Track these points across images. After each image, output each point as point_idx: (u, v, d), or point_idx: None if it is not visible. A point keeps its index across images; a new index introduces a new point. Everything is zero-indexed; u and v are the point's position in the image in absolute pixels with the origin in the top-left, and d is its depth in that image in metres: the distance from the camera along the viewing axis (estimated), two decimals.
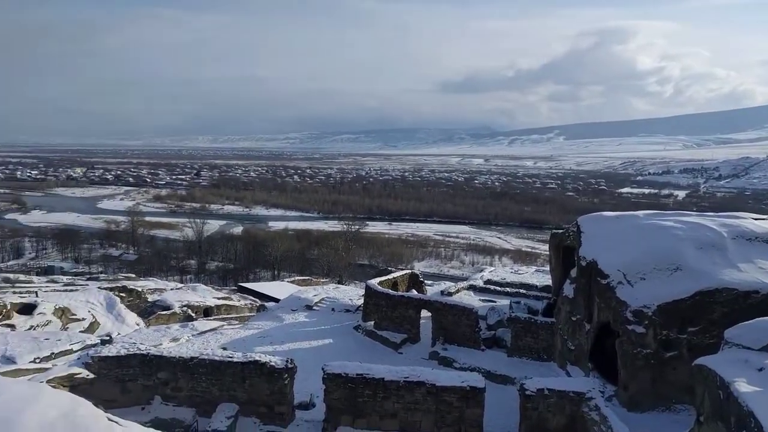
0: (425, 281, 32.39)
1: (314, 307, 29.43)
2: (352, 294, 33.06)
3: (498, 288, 29.30)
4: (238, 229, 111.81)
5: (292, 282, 50.02)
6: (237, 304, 37.98)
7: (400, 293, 24.59)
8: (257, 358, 14.34)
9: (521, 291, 28.29)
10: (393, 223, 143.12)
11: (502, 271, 36.92)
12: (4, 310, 26.31)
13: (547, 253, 24.24)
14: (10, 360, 18.75)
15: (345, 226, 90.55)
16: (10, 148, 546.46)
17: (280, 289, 44.81)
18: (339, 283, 50.33)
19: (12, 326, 24.82)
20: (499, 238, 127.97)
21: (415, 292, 27.44)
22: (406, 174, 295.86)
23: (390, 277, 28.04)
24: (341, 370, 13.78)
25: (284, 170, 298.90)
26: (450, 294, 28.22)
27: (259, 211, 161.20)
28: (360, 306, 27.12)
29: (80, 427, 3.03)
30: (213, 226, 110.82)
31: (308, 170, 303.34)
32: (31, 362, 18.41)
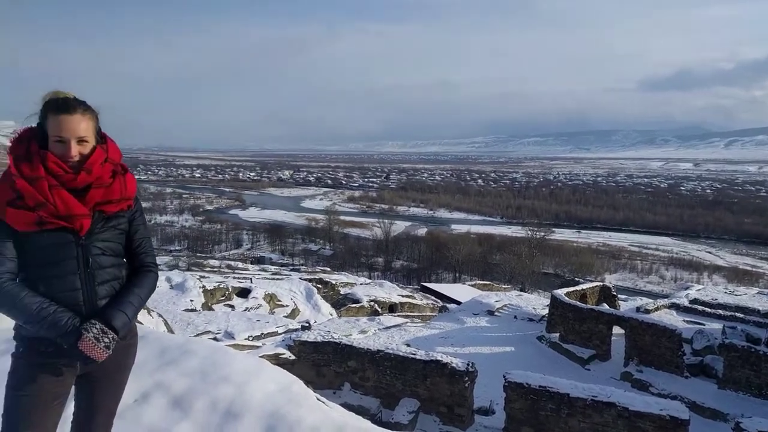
0: (618, 295, 29.91)
1: (496, 313, 29.05)
2: (536, 303, 31.94)
3: (707, 309, 25.81)
4: (422, 231, 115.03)
5: (473, 286, 49.94)
6: (420, 303, 39.17)
7: (589, 306, 23.05)
8: (439, 358, 14.61)
9: (737, 315, 24.52)
10: (582, 231, 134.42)
11: (713, 290, 32.40)
12: (227, 293, 30.76)
13: None
14: (230, 335, 21.81)
15: (529, 232, 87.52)
16: (235, 153, 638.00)
17: (461, 291, 45.07)
18: (521, 290, 48.97)
19: (232, 306, 28.90)
20: (709, 252, 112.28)
21: (606, 306, 25.53)
22: (599, 179, 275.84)
23: (578, 288, 26.48)
24: (523, 380, 13.38)
25: (468, 174, 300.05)
26: (647, 311, 25.64)
27: (443, 213, 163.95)
28: (544, 316, 26.06)
29: (294, 402, 3.40)
30: (399, 226, 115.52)
31: (492, 174, 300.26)
32: (245, 339, 21.21)
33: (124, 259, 2.22)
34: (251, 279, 36.52)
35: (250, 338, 21.22)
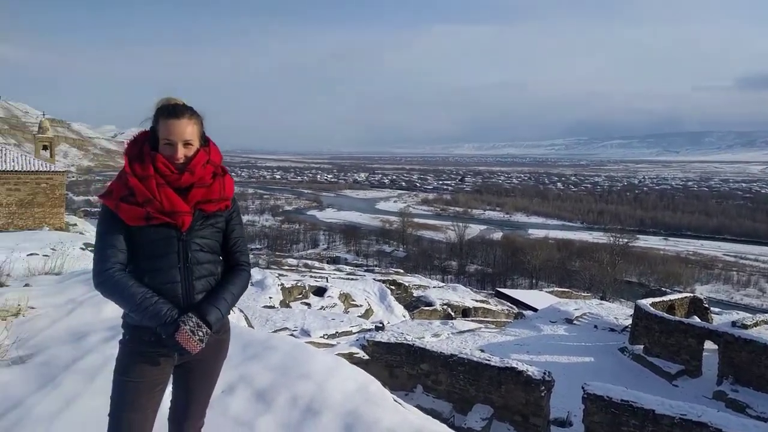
0: (710, 308, 27.96)
1: (575, 322, 28.05)
2: (618, 312, 30.54)
3: None
4: (497, 235, 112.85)
5: (551, 292, 48.48)
6: (494, 308, 38.46)
7: (677, 318, 21.73)
8: (514, 365, 14.28)
9: None
10: (670, 239, 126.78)
11: None
12: (304, 291, 31.62)
13: None
14: (306, 333, 22.37)
15: (611, 238, 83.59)
16: (313, 156, 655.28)
17: (537, 298, 43.88)
18: (602, 299, 46.95)
19: (308, 304, 29.66)
20: None
21: (696, 318, 23.93)
22: (690, 183, 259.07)
23: (665, 298, 25.05)
24: (604, 392, 12.80)
25: (547, 177, 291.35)
26: (745, 326, 23.69)
27: (519, 217, 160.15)
28: (627, 326, 24.84)
29: (372, 402, 3.44)
30: (474, 230, 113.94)
31: (572, 177, 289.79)
32: (320, 337, 21.68)
33: (220, 257, 2.34)
34: (327, 278, 37.26)
35: (325, 336, 21.65)
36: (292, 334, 21.19)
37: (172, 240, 2.15)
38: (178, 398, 2.38)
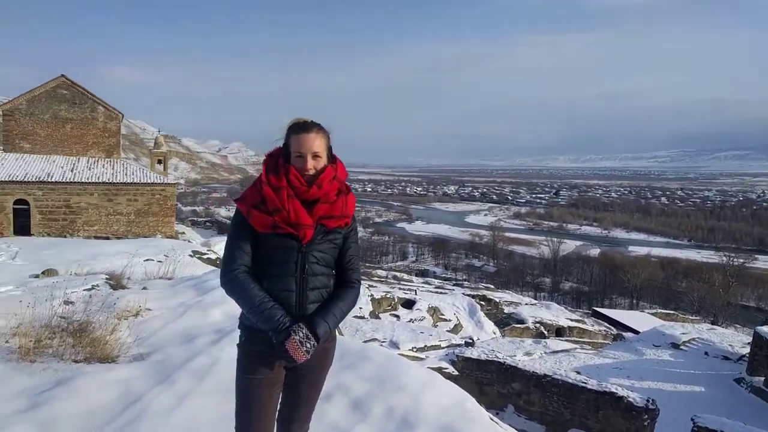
0: None
1: (682, 347, 26.04)
2: (733, 339, 28.00)
3: None
4: (594, 251, 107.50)
5: (654, 314, 45.41)
6: (590, 328, 36.61)
7: None
8: (613, 390, 13.50)
9: None
10: None
11: None
12: (393, 303, 31.87)
13: None
14: (395, 345, 22.43)
15: (724, 257, 76.96)
16: (403, 169, 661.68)
17: (638, 319, 41.35)
18: (713, 323, 43.28)
19: (397, 316, 29.82)
20: None
21: None
22: None
23: None
24: (718, 426, 11.74)
25: (649, 191, 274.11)
26: None
27: (619, 233, 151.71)
28: (745, 356, 22.67)
29: (468, 419, 3.39)
30: (569, 245, 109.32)
31: (678, 192, 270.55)
32: (409, 350, 21.67)
33: (334, 271, 2.44)
34: (416, 291, 37.21)
35: (414, 349, 21.58)
36: (381, 345, 21.36)
37: (293, 250, 2.27)
38: (287, 401, 2.50)
